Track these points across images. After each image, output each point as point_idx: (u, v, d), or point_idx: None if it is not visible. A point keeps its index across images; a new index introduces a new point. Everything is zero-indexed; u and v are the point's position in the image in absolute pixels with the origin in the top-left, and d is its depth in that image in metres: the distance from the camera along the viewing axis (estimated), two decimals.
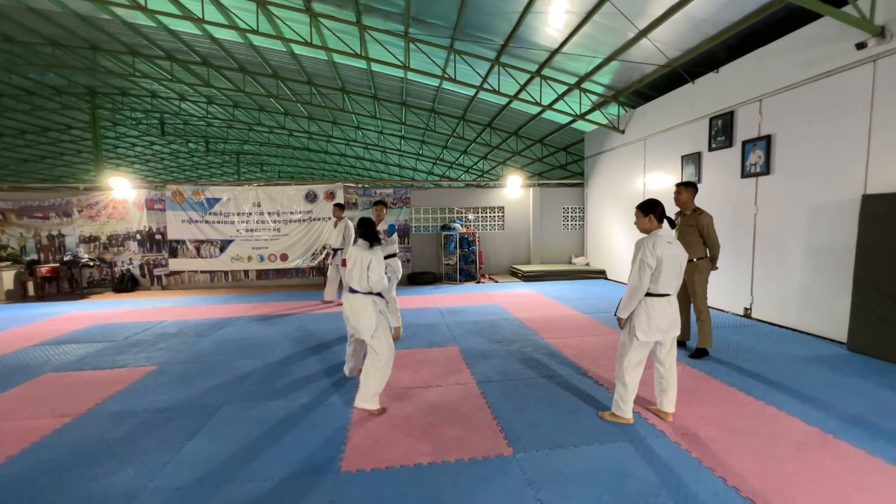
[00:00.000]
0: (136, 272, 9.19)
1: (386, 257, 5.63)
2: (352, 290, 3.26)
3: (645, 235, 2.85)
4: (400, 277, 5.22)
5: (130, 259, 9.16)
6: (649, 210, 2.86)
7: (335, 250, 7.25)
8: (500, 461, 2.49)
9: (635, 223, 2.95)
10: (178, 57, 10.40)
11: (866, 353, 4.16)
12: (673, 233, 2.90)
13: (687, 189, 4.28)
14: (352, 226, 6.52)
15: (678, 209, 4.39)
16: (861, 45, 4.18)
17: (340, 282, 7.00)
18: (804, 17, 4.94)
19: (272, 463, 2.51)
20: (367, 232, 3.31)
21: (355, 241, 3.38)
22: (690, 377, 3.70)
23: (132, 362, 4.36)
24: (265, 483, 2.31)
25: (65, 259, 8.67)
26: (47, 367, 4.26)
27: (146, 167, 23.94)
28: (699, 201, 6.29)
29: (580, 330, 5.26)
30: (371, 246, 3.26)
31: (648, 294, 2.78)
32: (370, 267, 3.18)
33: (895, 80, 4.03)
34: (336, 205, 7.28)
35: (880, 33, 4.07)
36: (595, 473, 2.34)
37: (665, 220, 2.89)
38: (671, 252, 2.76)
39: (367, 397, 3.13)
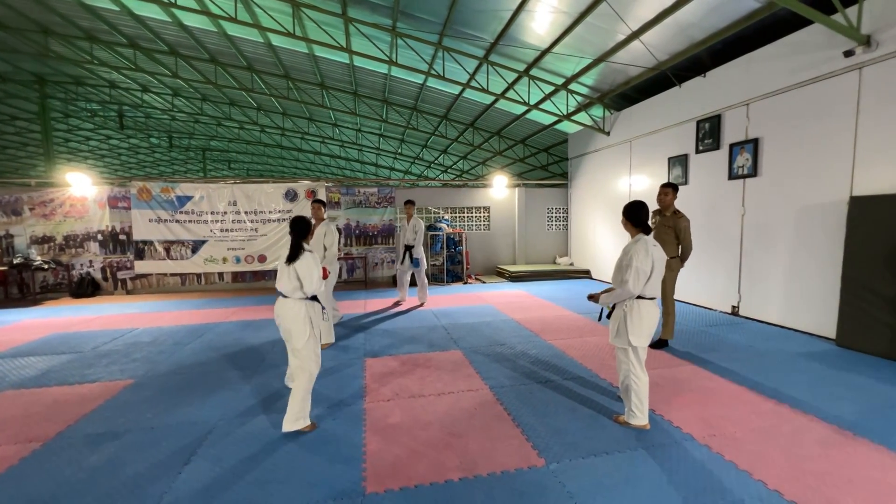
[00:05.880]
0: (98, 275, 8.46)
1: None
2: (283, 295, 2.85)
3: (633, 240, 2.82)
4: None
5: (91, 261, 8.42)
6: (634, 217, 2.82)
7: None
8: (535, 473, 2.35)
9: (622, 223, 2.93)
10: (143, 45, 9.68)
11: (855, 349, 4.33)
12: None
13: (674, 191, 4.47)
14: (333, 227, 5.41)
15: (658, 208, 4.55)
16: (849, 53, 4.35)
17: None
18: (790, 25, 5.12)
19: (288, 486, 2.27)
20: (304, 232, 2.88)
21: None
22: (699, 377, 3.71)
23: (105, 376, 3.94)
24: None
25: (14, 262, 7.86)
26: (3, 384, 3.77)
27: (102, 163, 22.34)
28: (687, 201, 6.41)
29: (580, 331, 5.22)
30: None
31: (640, 297, 2.76)
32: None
33: (880, 86, 4.22)
34: (318, 201, 5.51)
35: (866, 42, 4.25)
36: (636, 482, 2.26)
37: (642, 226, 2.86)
38: (658, 256, 2.79)
39: (297, 416, 2.81)
